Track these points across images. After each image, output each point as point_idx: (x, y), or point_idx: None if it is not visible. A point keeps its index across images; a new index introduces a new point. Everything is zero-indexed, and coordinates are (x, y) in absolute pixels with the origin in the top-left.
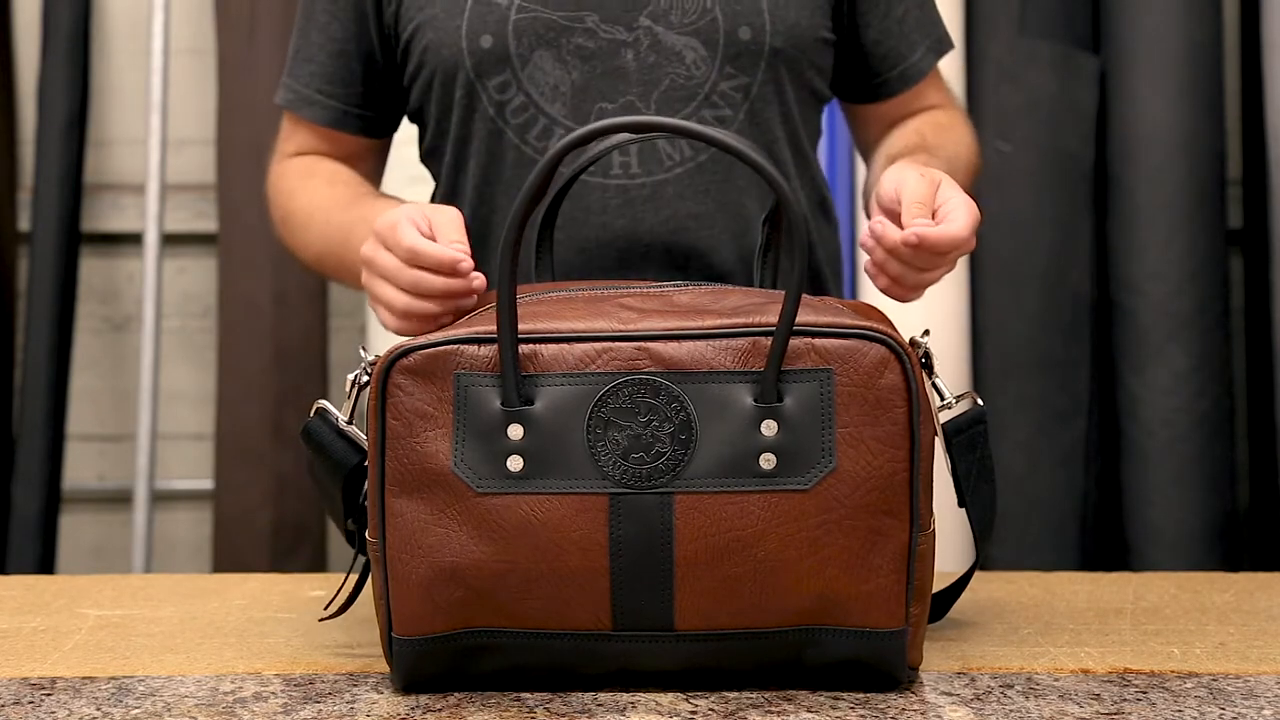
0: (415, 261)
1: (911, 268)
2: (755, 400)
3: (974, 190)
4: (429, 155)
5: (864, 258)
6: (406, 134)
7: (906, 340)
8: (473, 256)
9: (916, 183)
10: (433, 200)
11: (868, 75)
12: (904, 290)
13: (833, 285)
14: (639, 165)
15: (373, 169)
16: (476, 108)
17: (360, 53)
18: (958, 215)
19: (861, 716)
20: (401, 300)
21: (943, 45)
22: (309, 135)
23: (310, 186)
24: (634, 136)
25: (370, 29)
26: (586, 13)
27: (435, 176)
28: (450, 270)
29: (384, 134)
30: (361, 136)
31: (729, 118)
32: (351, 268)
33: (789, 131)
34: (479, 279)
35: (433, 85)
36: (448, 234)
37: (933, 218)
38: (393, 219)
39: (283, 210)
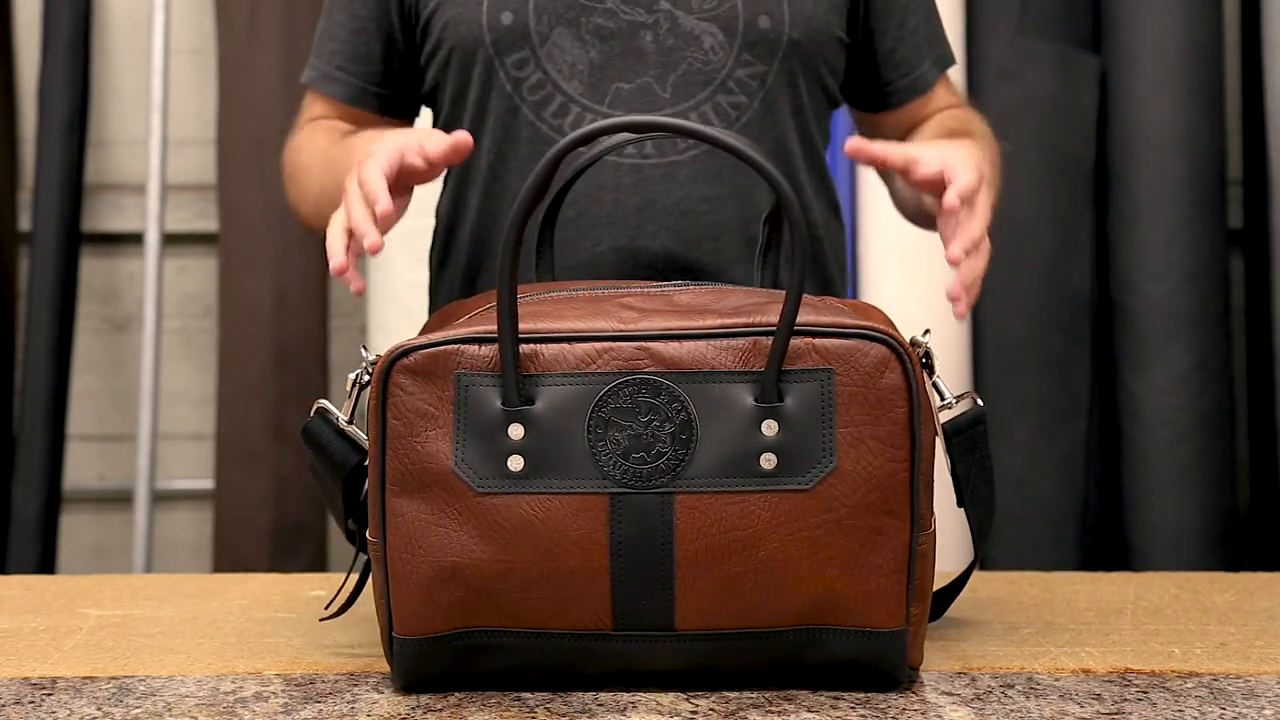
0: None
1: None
2: (756, 400)
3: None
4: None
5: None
6: None
7: (907, 340)
8: (482, 240)
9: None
10: (445, 181)
11: (879, 83)
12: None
13: (839, 280)
14: (653, 146)
15: None
16: (493, 84)
17: (381, 31)
18: (962, 169)
19: (862, 716)
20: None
21: (946, 60)
22: (328, 111)
23: (313, 139)
24: (635, 136)
25: (391, 8)
26: None
27: None
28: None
29: (402, 115)
30: (379, 115)
31: (743, 104)
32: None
33: (800, 124)
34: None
35: (450, 62)
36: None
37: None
38: (372, 149)
39: (290, 168)
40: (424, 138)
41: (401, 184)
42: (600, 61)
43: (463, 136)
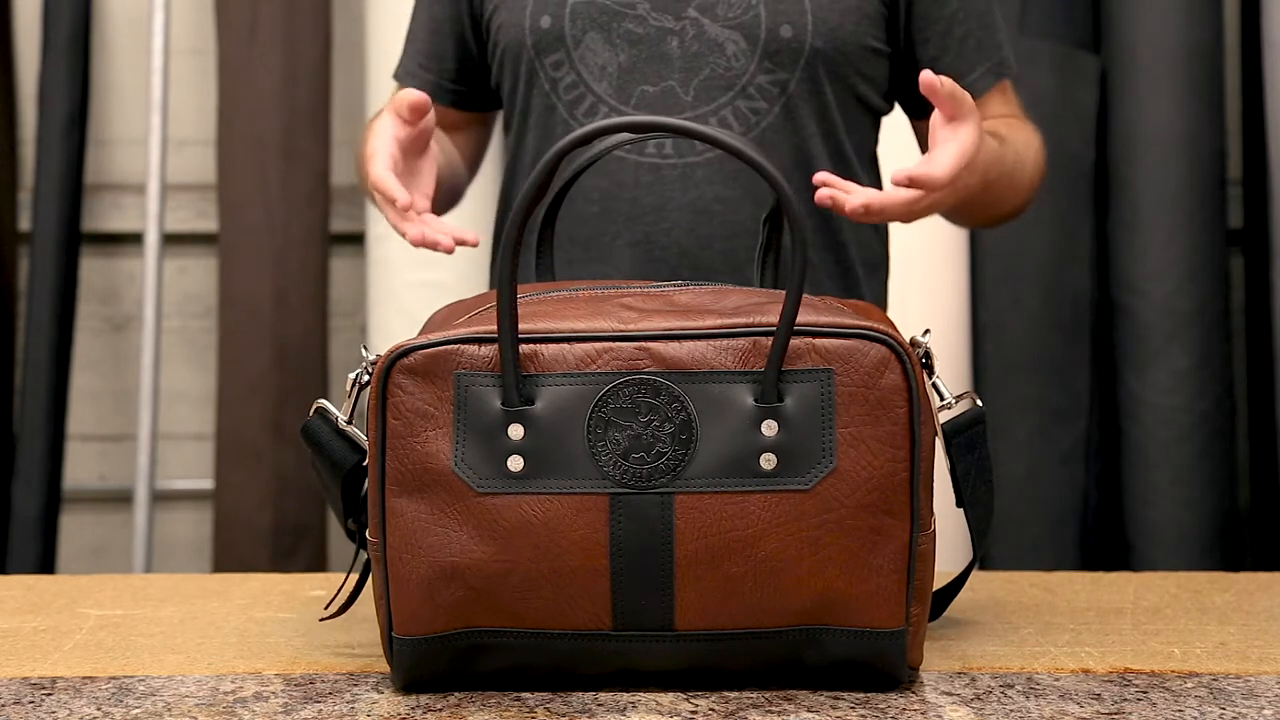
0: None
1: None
2: (756, 400)
3: (1035, 192)
4: (506, 128)
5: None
6: None
7: (907, 340)
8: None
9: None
10: (504, 172)
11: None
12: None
13: (866, 282)
14: (672, 146)
15: (469, 141)
16: (535, 84)
17: (454, 32)
18: (940, 158)
19: (862, 716)
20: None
21: (1003, 69)
22: None
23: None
24: (634, 136)
25: (463, 10)
26: (639, 0)
27: (508, 149)
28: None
29: (477, 108)
30: (454, 109)
31: (763, 110)
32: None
33: (826, 130)
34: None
35: (504, 62)
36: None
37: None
38: (370, 151)
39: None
40: (396, 107)
41: (419, 150)
42: (628, 65)
43: (414, 97)
